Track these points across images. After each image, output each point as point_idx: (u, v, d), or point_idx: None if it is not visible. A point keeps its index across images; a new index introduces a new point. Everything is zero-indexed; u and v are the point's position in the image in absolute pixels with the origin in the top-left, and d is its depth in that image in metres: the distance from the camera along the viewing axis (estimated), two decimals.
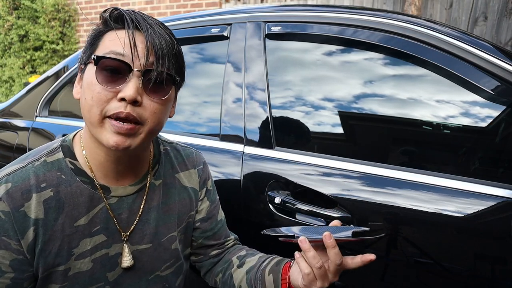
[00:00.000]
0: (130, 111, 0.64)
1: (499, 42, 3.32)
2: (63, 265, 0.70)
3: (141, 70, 0.65)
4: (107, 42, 0.67)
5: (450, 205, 0.94)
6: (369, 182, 1.03)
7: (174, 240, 0.85)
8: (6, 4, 5.48)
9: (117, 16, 0.67)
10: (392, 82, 1.13)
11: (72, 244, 0.70)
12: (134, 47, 0.64)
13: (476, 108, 1.02)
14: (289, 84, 1.24)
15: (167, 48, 0.67)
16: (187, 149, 0.93)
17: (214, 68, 1.37)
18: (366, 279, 1.03)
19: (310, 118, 1.19)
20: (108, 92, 0.64)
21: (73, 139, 0.76)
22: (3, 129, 1.77)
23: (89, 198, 0.72)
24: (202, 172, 0.93)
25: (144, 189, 0.79)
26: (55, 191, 0.69)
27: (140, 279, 0.80)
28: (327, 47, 1.22)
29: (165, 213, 0.83)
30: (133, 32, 0.65)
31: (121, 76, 0.65)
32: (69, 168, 0.72)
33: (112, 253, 0.75)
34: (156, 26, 0.67)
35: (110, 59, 0.64)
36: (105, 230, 0.74)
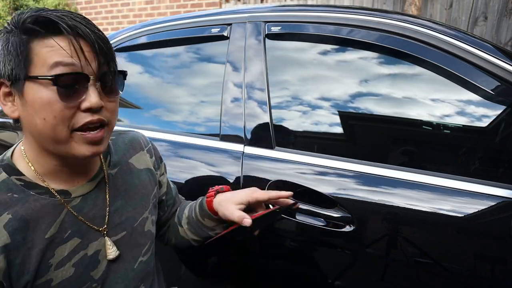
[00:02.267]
0: (99, 116, 0.65)
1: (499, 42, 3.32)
2: (44, 277, 0.68)
3: (96, 77, 0.64)
4: (45, 53, 0.61)
5: (450, 205, 0.94)
6: (369, 182, 1.03)
7: (145, 222, 0.86)
8: (7, 5, 5.48)
9: (44, 21, 0.61)
10: (392, 82, 1.13)
11: (48, 255, 0.68)
12: (83, 55, 0.62)
13: (476, 108, 1.02)
14: (289, 84, 1.24)
15: (106, 45, 0.65)
16: (130, 133, 0.93)
17: (214, 68, 1.37)
18: (366, 279, 1.03)
19: (310, 118, 1.19)
20: (70, 108, 0.62)
21: (11, 156, 0.73)
22: (3, 129, 1.77)
23: (52, 207, 0.70)
24: (152, 150, 0.94)
25: (103, 182, 0.79)
26: (12, 213, 0.66)
27: (126, 269, 0.80)
28: (326, 47, 1.22)
29: (130, 199, 0.83)
30: (75, 37, 0.61)
31: (78, 88, 0.63)
32: (18, 185, 0.68)
33: (90, 253, 0.74)
34: (90, 25, 0.64)
35: (70, 75, 0.61)
36: (77, 232, 0.73)
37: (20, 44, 0.61)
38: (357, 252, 1.03)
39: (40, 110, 0.62)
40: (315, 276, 1.10)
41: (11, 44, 0.62)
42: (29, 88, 0.62)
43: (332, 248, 1.06)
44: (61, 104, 0.62)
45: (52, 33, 0.61)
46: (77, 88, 0.63)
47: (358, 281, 1.05)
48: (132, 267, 0.81)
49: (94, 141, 0.65)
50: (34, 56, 0.61)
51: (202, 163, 1.23)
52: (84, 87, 0.63)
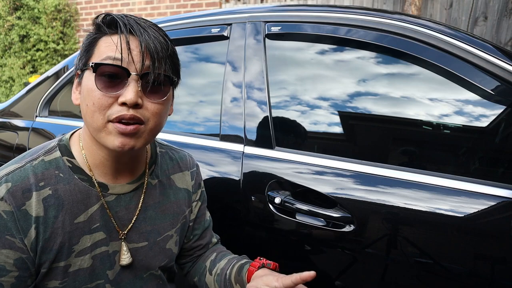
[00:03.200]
0: (133, 113, 0.66)
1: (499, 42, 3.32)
2: (64, 261, 0.71)
3: (138, 74, 0.66)
4: (102, 48, 0.67)
5: (450, 205, 0.94)
6: (370, 182, 1.03)
7: (169, 239, 0.86)
8: (7, 4, 5.48)
9: (110, 21, 0.68)
10: (392, 81, 1.13)
11: (73, 241, 0.71)
12: (129, 52, 0.65)
13: (476, 108, 1.02)
14: (289, 84, 1.24)
15: (162, 50, 0.68)
16: (181, 152, 0.96)
17: (214, 68, 1.37)
18: (366, 279, 1.03)
19: (310, 118, 1.19)
20: (108, 98, 0.65)
21: (70, 139, 0.77)
22: (3, 129, 1.77)
23: (87, 196, 0.73)
24: (196, 174, 0.95)
25: (141, 188, 0.81)
26: (53, 189, 0.70)
27: (135, 276, 0.81)
28: (326, 47, 1.22)
29: (161, 212, 0.84)
30: (127, 36, 0.66)
31: (119, 81, 0.66)
32: (66, 166, 0.73)
33: (110, 251, 0.76)
34: (149, 29, 0.68)
35: (108, 65, 0.65)
36: (104, 227, 0.75)
37: (88, 39, 0.70)
38: (357, 252, 1.03)
39: (86, 97, 0.67)
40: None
41: (85, 39, 0.71)
42: (85, 77, 0.69)
43: (332, 248, 1.06)
44: (99, 93, 0.65)
45: (113, 31, 0.68)
46: (117, 81, 0.66)
47: (358, 281, 1.05)
48: (141, 276, 0.82)
49: (124, 133, 0.66)
50: (95, 50, 0.69)
51: (202, 163, 1.23)
52: (124, 81, 0.66)
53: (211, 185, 1.21)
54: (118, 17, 0.67)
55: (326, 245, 1.07)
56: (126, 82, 0.66)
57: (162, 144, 0.93)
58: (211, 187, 1.21)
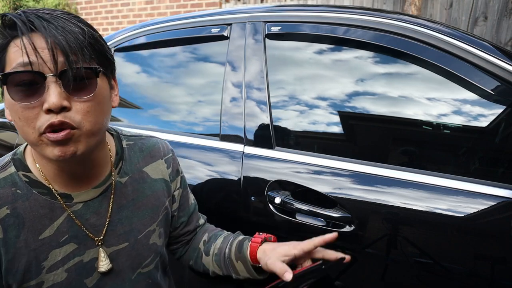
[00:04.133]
0: (61, 118, 0.59)
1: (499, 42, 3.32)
2: (34, 279, 0.68)
3: (55, 74, 0.59)
4: (11, 55, 0.60)
5: (450, 205, 0.94)
6: (370, 182, 1.03)
7: (151, 234, 0.83)
8: (7, 5, 5.48)
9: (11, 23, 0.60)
10: (392, 81, 1.13)
11: (41, 257, 0.68)
12: (36, 52, 0.58)
13: (476, 108, 1.02)
14: (289, 84, 1.24)
15: (75, 41, 0.60)
16: (152, 139, 0.89)
17: (214, 68, 1.37)
18: (366, 279, 1.03)
19: (310, 118, 1.19)
20: (32, 108, 0.59)
21: (24, 151, 0.73)
22: (3, 129, 1.77)
23: (50, 209, 0.69)
24: (172, 160, 0.90)
25: (109, 189, 0.76)
26: (11, 208, 0.66)
27: (123, 280, 0.78)
28: (326, 47, 1.22)
29: (138, 209, 0.80)
30: (29, 36, 0.58)
31: (38, 87, 0.59)
32: (23, 181, 0.68)
33: (86, 259, 0.73)
34: (56, 20, 0.60)
35: (16, 73, 0.58)
36: (74, 238, 0.71)
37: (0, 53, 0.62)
38: (357, 252, 1.03)
39: (10, 112, 0.62)
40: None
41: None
42: (4, 90, 0.61)
43: (332, 248, 1.06)
44: (19, 106, 0.59)
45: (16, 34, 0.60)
46: (35, 87, 0.59)
47: (358, 281, 1.05)
48: (129, 278, 0.79)
49: (57, 141, 0.60)
50: (6, 59, 0.61)
51: (202, 163, 1.23)
52: (42, 86, 0.59)
53: (211, 185, 1.21)
54: (16, 16, 0.59)
55: (326, 245, 1.07)
56: (45, 86, 0.59)
57: (129, 136, 0.86)
58: (211, 187, 1.21)
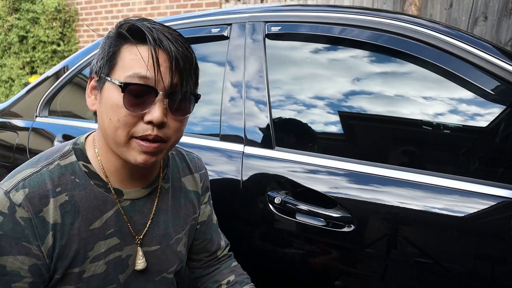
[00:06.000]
0: (158, 133, 0.65)
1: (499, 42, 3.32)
2: (78, 267, 0.70)
3: (166, 93, 0.65)
4: (128, 60, 0.65)
5: (450, 204, 0.94)
6: (370, 182, 1.03)
7: (179, 242, 0.86)
8: (7, 5, 5.48)
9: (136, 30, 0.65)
10: (392, 81, 1.13)
11: (88, 247, 0.71)
12: (158, 69, 0.63)
13: (476, 108, 1.02)
14: (288, 84, 1.24)
15: (190, 66, 0.67)
16: (190, 154, 0.95)
17: (214, 68, 1.37)
18: (366, 279, 1.03)
19: (310, 118, 1.19)
20: (135, 115, 0.64)
21: (85, 142, 0.76)
22: (3, 129, 1.77)
23: (103, 202, 0.73)
24: (204, 177, 0.95)
25: (155, 192, 0.81)
26: (70, 195, 0.69)
27: (147, 280, 0.81)
28: (326, 47, 1.22)
29: (173, 215, 0.85)
30: (155, 50, 0.63)
31: (146, 99, 0.64)
32: (82, 171, 0.72)
33: (124, 256, 0.76)
34: (177, 42, 0.65)
35: (137, 85, 0.63)
36: (118, 233, 0.75)
37: (111, 46, 0.66)
38: (357, 252, 1.03)
39: (109, 110, 0.66)
40: (315, 276, 1.10)
41: (106, 45, 0.67)
42: (107, 87, 0.66)
43: (332, 248, 1.06)
44: (125, 111, 0.64)
45: (139, 41, 0.64)
46: (144, 100, 0.64)
47: (358, 281, 1.05)
48: (153, 279, 0.82)
49: (148, 151, 0.66)
50: (119, 60, 0.65)
51: None
52: (151, 100, 0.64)
53: (211, 185, 1.21)
54: (146, 28, 0.64)
55: (326, 245, 1.07)
56: (154, 101, 0.64)
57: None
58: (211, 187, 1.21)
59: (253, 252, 1.18)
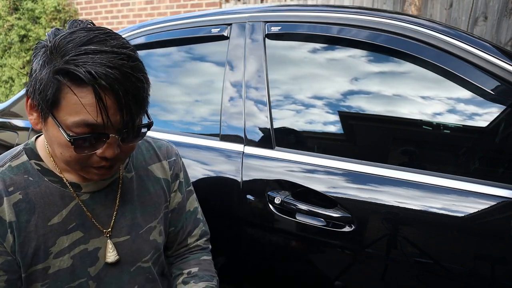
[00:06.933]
0: (111, 162, 0.67)
1: (499, 42, 3.32)
2: (41, 263, 0.70)
3: (118, 135, 0.63)
4: (73, 105, 0.58)
5: (450, 204, 0.94)
6: (370, 182, 1.03)
7: (152, 231, 0.85)
8: (7, 5, 5.48)
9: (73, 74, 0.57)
10: (392, 81, 1.13)
11: (49, 243, 0.71)
12: (106, 115, 0.58)
13: (476, 108, 1.02)
14: (288, 84, 1.24)
15: (141, 102, 0.62)
16: (158, 141, 0.93)
17: (214, 68, 1.37)
18: (366, 279, 1.03)
19: (310, 118, 1.19)
20: (86, 154, 0.64)
21: (35, 142, 0.76)
22: (3, 129, 1.77)
23: (60, 197, 0.72)
24: (174, 163, 0.92)
25: (116, 183, 0.80)
26: (23, 194, 0.69)
27: (122, 271, 0.80)
28: (327, 47, 1.22)
29: (141, 204, 0.83)
30: (100, 96, 0.57)
31: (97, 142, 0.63)
32: (35, 169, 0.72)
33: (90, 248, 0.75)
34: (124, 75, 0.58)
35: (87, 137, 0.61)
36: (81, 226, 0.74)
37: (51, 82, 0.59)
38: (357, 252, 1.03)
39: (58, 146, 0.64)
40: (315, 276, 1.10)
41: (44, 75, 0.59)
42: (51, 124, 0.63)
43: (332, 248, 1.06)
44: (75, 154, 0.63)
45: (80, 84, 0.57)
46: (96, 142, 0.63)
47: (358, 281, 1.05)
48: (128, 270, 0.81)
49: (104, 174, 0.69)
50: (62, 99, 0.59)
51: (202, 163, 1.23)
52: (102, 141, 0.63)
53: (211, 185, 1.21)
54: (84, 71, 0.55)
55: (326, 245, 1.07)
56: (105, 141, 0.63)
57: None
58: (211, 187, 1.21)
59: (253, 252, 1.18)
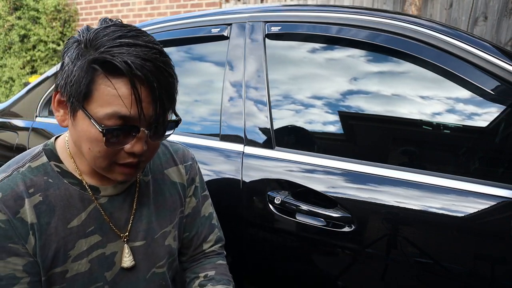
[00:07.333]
0: (139, 158, 0.67)
1: (499, 42, 3.32)
2: (60, 267, 0.70)
3: (148, 127, 0.64)
4: (106, 96, 0.59)
5: (450, 204, 0.94)
6: (370, 182, 1.03)
7: (167, 236, 0.84)
8: (7, 4, 5.48)
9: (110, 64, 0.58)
10: (392, 81, 1.13)
11: (68, 246, 0.70)
12: (140, 107, 0.60)
13: (476, 108, 1.02)
14: (288, 84, 1.24)
15: (172, 97, 0.65)
16: (175, 145, 0.92)
17: (214, 68, 1.37)
18: (366, 279, 1.03)
19: (310, 118, 1.19)
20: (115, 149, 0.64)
21: (55, 142, 0.76)
22: (3, 129, 1.77)
23: (80, 199, 0.72)
24: (190, 168, 0.91)
25: (133, 187, 0.79)
26: (43, 196, 0.68)
27: (138, 278, 0.79)
28: (326, 47, 1.22)
29: (157, 209, 0.83)
30: (136, 87, 0.58)
31: (127, 135, 0.63)
32: (55, 171, 0.71)
33: (108, 253, 0.75)
34: (158, 69, 0.60)
35: (119, 129, 0.62)
36: (99, 230, 0.74)
37: (85, 73, 0.60)
38: (357, 252, 1.03)
39: (86, 141, 0.64)
40: (315, 276, 1.10)
41: (78, 67, 0.60)
42: (81, 118, 0.63)
43: (332, 248, 1.06)
44: (106, 148, 0.63)
45: (117, 74, 0.59)
46: (126, 136, 0.63)
47: (358, 281, 1.05)
48: (144, 277, 0.80)
49: (129, 173, 0.69)
50: (94, 91, 0.60)
51: (202, 163, 1.23)
52: (132, 135, 0.63)
53: (211, 185, 1.21)
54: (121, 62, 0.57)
55: (326, 245, 1.07)
56: (135, 135, 0.63)
57: None
58: (211, 187, 1.21)
59: (253, 252, 1.18)
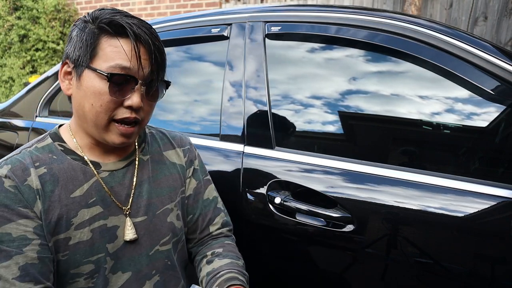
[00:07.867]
0: (136, 115, 0.75)
1: (499, 42, 3.32)
2: (63, 233, 0.74)
3: (144, 82, 0.74)
4: (109, 52, 0.71)
5: (450, 204, 0.94)
6: (370, 182, 1.03)
7: (169, 213, 0.88)
8: (7, 4, 5.47)
9: (117, 25, 0.72)
10: (392, 81, 1.13)
11: (71, 214, 0.75)
12: (139, 61, 0.72)
13: (476, 108, 1.02)
14: (289, 84, 1.24)
15: (161, 57, 0.76)
16: (173, 132, 1.00)
17: (214, 68, 1.37)
18: (366, 279, 1.03)
19: (310, 118, 1.19)
20: (116, 101, 0.73)
21: (59, 128, 0.84)
22: (3, 129, 1.77)
23: (82, 172, 0.78)
24: (188, 151, 0.98)
25: (133, 164, 0.85)
26: (48, 168, 0.75)
27: (140, 254, 0.82)
28: (326, 47, 1.22)
29: (157, 186, 0.87)
30: (137, 44, 0.71)
31: (127, 87, 0.73)
32: (58, 150, 0.79)
33: (109, 225, 0.79)
34: (151, 36, 0.73)
35: (121, 75, 0.71)
36: (101, 202, 0.79)
37: (92, 36, 0.72)
38: (357, 252, 1.03)
39: (90, 96, 0.72)
40: (315, 276, 1.10)
41: (86, 34, 0.72)
42: (87, 76, 0.72)
43: (332, 248, 1.06)
44: (109, 97, 0.72)
45: (119, 35, 0.72)
46: (125, 87, 0.72)
47: (358, 281, 1.05)
48: (147, 253, 0.83)
49: (125, 133, 0.75)
50: (99, 51, 0.72)
51: None
52: (131, 87, 0.73)
53: None
54: (125, 23, 0.71)
55: (326, 245, 1.07)
56: (133, 88, 0.73)
57: (151, 126, 0.99)
58: None
59: (253, 252, 1.18)
